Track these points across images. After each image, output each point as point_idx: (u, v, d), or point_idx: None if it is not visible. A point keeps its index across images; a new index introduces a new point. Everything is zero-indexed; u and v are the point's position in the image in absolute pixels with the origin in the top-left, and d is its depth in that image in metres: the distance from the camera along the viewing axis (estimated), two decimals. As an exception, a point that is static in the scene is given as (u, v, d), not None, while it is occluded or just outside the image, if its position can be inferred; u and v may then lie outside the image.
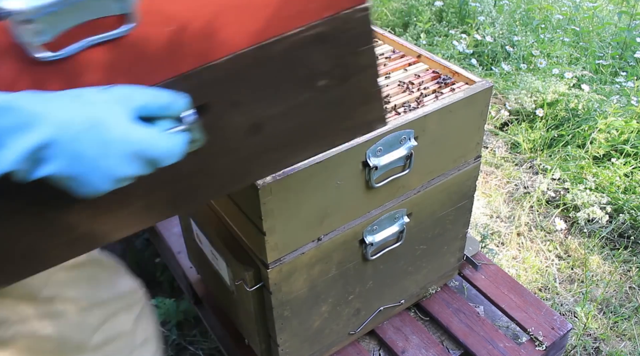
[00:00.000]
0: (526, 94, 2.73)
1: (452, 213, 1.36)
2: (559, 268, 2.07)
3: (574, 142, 2.55)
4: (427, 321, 1.48)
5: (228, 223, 1.17)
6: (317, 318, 1.23)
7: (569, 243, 2.16)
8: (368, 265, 1.25)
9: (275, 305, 1.12)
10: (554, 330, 1.42)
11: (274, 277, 1.07)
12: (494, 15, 3.45)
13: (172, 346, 1.85)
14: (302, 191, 1.01)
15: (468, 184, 1.34)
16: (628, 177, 2.35)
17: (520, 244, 2.17)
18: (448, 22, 3.51)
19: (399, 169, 1.15)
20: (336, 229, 1.13)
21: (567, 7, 3.68)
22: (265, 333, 1.22)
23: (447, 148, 1.22)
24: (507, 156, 2.60)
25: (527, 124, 2.71)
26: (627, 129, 2.49)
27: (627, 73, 3.00)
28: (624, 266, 2.07)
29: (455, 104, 1.15)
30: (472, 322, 1.44)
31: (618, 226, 2.19)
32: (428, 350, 1.38)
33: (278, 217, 1.00)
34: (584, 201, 2.24)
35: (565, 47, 3.17)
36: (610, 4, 3.93)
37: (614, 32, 3.39)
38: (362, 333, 1.40)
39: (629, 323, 1.87)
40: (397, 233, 1.25)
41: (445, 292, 1.52)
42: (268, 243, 1.02)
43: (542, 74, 2.89)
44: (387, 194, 1.17)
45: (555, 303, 1.92)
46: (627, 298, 1.96)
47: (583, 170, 2.41)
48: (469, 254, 1.59)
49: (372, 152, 1.07)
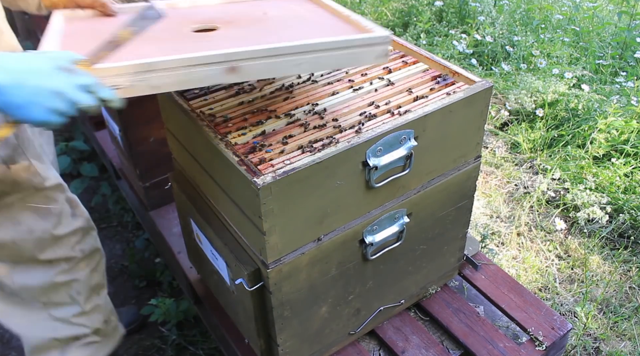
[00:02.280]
0: (526, 94, 2.73)
1: (452, 213, 1.36)
2: (559, 268, 2.07)
3: (574, 142, 2.55)
4: (427, 321, 1.48)
5: (228, 223, 1.17)
6: (317, 318, 1.23)
7: (569, 243, 2.16)
8: (368, 265, 1.25)
9: (275, 305, 1.12)
10: (554, 330, 1.42)
11: (274, 277, 1.07)
12: (494, 15, 3.45)
13: (172, 346, 1.85)
14: (302, 191, 1.01)
15: (468, 184, 1.34)
16: (628, 177, 2.35)
17: (520, 244, 2.17)
18: (448, 22, 3.51)
19: (399, 169, 1.15)
20: (336, 229, 1.13)
21: (567, 7, 3.68)
22: (265, 333, 1.22)
23: (447, 148, 1.22)
24: (507, 156, 2.60)
25: (527, 124, 2.71)
26: (627, 129, 2.49)
27: (627, 73, 3.00)
28: (624, 266, 2.07)
29: (455, 104, 1.15)
30: (472, 322, 1.44)
31: (618, 226, 2.19)
32: (428, 350, 1.38)
33: (278, 217, 1.00)
34: (584, 201, 2.24)
35: (565, 47, 3.17)
36: (610, 4, 3.93)
37: (614, 32, 3.39)
38: (362, 333, 1.40)
39: (629, 323, 1.87)
40: (397, 233, 1.25)
41: (445, 292, 1.52)
42: (268, 243, 1.02)
43: (542, 74, 2.89)
44: (387, 194, 1.17)
45: (555, 303, 1.92)
46: (627, 298, 1.96)
47: (583, 170, 2.41)
48: (469, 254, 1.59)
49: (372, 152, 1.07)
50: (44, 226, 1.30)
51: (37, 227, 1.29)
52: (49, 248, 1.34)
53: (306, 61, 0.98)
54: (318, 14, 1.23)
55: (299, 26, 1.14)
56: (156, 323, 1.91)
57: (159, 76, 0.90)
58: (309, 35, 1.07)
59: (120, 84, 0.88)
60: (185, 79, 0.93)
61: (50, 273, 1.36)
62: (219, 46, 0.96)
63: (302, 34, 1.09)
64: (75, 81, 0.81)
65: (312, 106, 1.17)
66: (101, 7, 1.20)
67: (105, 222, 2.40)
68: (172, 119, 1.28)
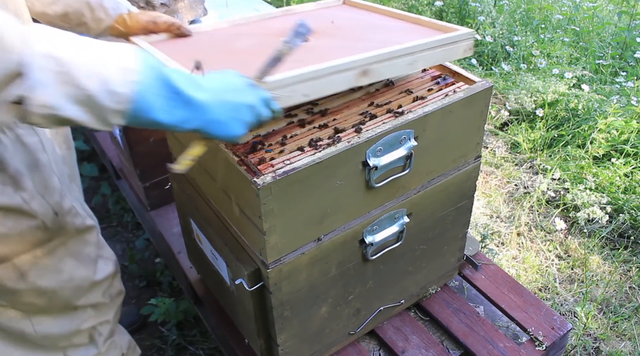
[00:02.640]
0: (526, 94, 2.73)
1: (452, 213, 1.36)
2: (559, 268, 2.07)
3: (574, 142, 2.55)
4: (427, 321, 1.48)
5: (228, 223, 1.17)
6: (317, 318, 1.23)
7: (569, 243, 2.16)
8: (368, 265, 1.25)
9: (275, 305, 1.12)
10: (554, 330, 1.42)
11: (274, 277, 1.07)
12: (494, 15, 3.45)
13: (172, 346, 1.85)
14: (302, 191, 1.01)
15: (468, 184, 1.34)
16: (628, 177, 2.35)
17: (520, 244, 2.17)
18: (448, 22, 3.51)
19: (399, 169, 1.15)
20: (336, 229, 1.13)
21: (567, 7, 3.68)
22: (265, 333, 1.22)
23: (447, 148, 1.22)
24: (507, 156, 2.60)
25: (527, 124, 2.71)
26: (627, 129, 2.48)
27: (627, 73, 3.00)
28: (624, 266, 2.07)
29: (455, 104, 1.15)
30: (472, 322, 1.44)
31: (618, 226, 2.19)
32: (428, 350, 1.38)
33: (278, 217, 1.00)
34: (584, 201, 2.24)
35: (565, 47, 3.17)
36: (610, 4, 3.93)
37: (614, 32, 3.39)
38: (362, 333, 1.40)
39: (629, 323, 1.87)
40: (397, 233, 1.25)
41: (445, 292, 1.52)
42: (268, 243, 1.02)
43: (542, 74, 2.89)
44: (387, 194, 1.17)
45: (555, 303, 1.92)
46: (627, 298, 1.96)
47: (583, 170, 2.41)
48: (469, 254, 1.59)
49: (372, 152, 1.07)
50: (84, 273, 1.22)
51: (78, 274, 1.21)
52: (83, 296, 1.25)
53: (417, 59, 1.11)
54: (376, 17, 1.35)
55: (379, 31, 1.25)
56: (156, 323, 1.91)
57: (308, 85, 0.98)
58: (399, 38, 1.17)
59: (281, 95, 0.95)
60: (328, 85, 1.01)
61: (76, 321, 1.27)
62: (337, 54, 1.06)
63: (391, 37, 1.19)
64: (260, 95, 0.87)
65: (312, 106, 1.17)
66: (177, 30, 1.22)
67: (105, 222, 2.41)
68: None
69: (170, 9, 1.76)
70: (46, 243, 1.10)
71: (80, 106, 0.68)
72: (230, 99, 0.82)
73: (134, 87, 0.70)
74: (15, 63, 0.63)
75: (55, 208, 1.09)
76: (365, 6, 1.43)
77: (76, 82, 0.66)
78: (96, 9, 1.16)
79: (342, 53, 1.08)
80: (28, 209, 1.03)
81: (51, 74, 0.65)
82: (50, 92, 0.65)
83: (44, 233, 1.08)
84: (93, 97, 0.68)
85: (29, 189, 1.02)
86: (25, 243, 1.05)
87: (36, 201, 1.04)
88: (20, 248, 1.05)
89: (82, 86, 0.66)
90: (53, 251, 1.13)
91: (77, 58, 0.66)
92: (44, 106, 0.66)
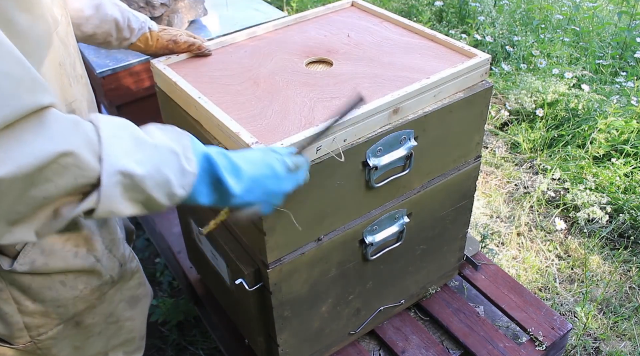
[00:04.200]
0: (526, 94, 2.73)
1: (452, 213, 1.36)
2: (559, 268, 2.07)
3: (574, 142, 2.55)
4: (427, 321, 1.48)
5: (228, 223, 1.17)
6: (317, 318, 1.23)
7: (569, 243, 2.16)
8: (368, 265, 1.25)
9: (275, 305, 1.12)
10: (554, 330, 1.42)
11: (274, 277, 1.07)
12: (494, 15, 3.45)
13: (172, 346, 1.85)
14: (302, 190, 1.00)
15: (468, 184, 1.34)
16: (628, 177, 2.35)
17: (520, 244, 2.17)
18: (448, 22, 3.51)
19: (399, 169, 1.15)
20: (336, 229, 1.13)
21: (567, 7, 3.68)
22: (265, 333, 1.22)
23: (447, 148, 1.22)
24: (507, 156, 2.60)
25: (527, 124, 2.71)
26: (627, 129, 2.48)
27: (627, 73, 3.00)
28: (624, 266, 2.07)
29: (455, 104, 1.15)
30: (472, 322, 1.44)
31: (618, 226, 2.19)
32: (428, 350, 1.38)
33: (278, 217, 1.00)
34: (584, 201, 2.24)
35: (565, 47, 3.17)
36: (610, 4, 3.92)
37: (614, 32, 3.39)
38: (362, 333, 1.40)
39: (629, 323, 1.87)
40: (397, 233, 1.25)
41: (445, 292, 1.52)
42: (268, 243, 1.02)
43: (542, 74, 2.89)
44: (387, 194, 1.17)
45: (555, 303, 1.92)
46: (627, 298, 1.96)
47: (583, 170, 2.41)
48: (469, 254, 1.59)
49: (372, 152, 1.07)
50: (129, 314, 1.15)
51: (124, 316, 1.14)
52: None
53: (441, 90, 1.13)
54: (390, 30, 1.35)
55: (397, 51, 1.25)
56: (156, 323, 1.91)
57: (347, 131, 1.01)
58: (420, 62, 1.20)
59: (321, 151, 0.99)
60: (363, 128, 1.04)
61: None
62: (363, 84, 1.12)
63: (411, 61, 1.21)
64: (297, 179, 0.89)
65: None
66: (197, 50, 1.23)
67: (105, 222, 2.40)
68: (172, 119, 1.28)
69: (170, 9, 1.76)
70: (107, 292, 1.07)
71: (139, 205, 0.71)
72: (267, 186, 0.83)
73: (190, 188, 0.74)
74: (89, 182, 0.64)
75: (121, 260, 1.07)
76: (375, 12, 1.42)
77: (141, 189, 0.68)
78: (123, 30, 1.15)
79: (368, 82, 1.12)
80: (99, 269, 1.01)
81: (120, 186, 0.66)
82: (117, 201, 0.67)
83: (110, 286, 1.06)
84: (153, 199, 0.71)
85: (100, 248, 1.00)
86: (91, 299, 1.03)
87: (105, 258, 1.02)
88: (86, 305, 1.03)
89: (147, 192, 0.69)
90: (110, 299, 1.09)
91: (145, 169, 0.68)
92: (107, 212, 0.67)
